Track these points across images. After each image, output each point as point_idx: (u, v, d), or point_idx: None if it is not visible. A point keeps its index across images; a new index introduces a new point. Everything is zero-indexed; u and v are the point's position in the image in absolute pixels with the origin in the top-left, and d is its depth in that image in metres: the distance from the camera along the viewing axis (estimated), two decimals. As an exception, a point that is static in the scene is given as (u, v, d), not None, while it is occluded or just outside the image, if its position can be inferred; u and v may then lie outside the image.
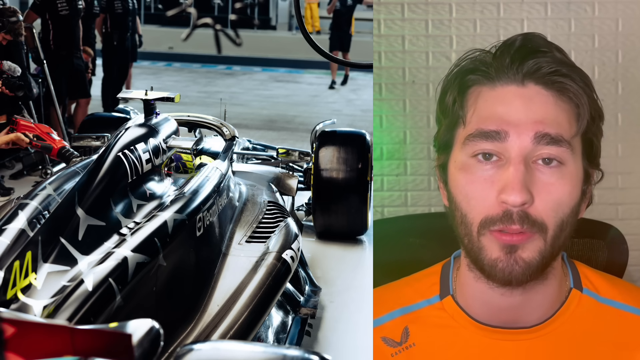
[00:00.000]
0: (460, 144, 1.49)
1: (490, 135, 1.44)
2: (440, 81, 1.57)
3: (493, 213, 1.44)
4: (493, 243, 1.45)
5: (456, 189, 1.50)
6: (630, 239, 2.13)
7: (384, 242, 2.05)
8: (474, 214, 1.47)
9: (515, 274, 1.45)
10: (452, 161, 1.52)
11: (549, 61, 1.46)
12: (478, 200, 1.46)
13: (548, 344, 1.53)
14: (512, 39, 1.50)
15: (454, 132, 1.52)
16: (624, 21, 2.57)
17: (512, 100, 1.45)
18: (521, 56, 1.46)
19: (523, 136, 1.43)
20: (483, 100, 1.48)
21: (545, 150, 1.43)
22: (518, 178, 1.41)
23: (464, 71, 1.51)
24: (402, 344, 1.57)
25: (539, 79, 1.45)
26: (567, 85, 1.45)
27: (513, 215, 1.42)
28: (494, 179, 1.45)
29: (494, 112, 1.46)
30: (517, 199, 1.41)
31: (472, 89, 1.50)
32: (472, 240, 1.48)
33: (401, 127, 2.57)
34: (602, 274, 1.65)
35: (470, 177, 1.47)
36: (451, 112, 1.51)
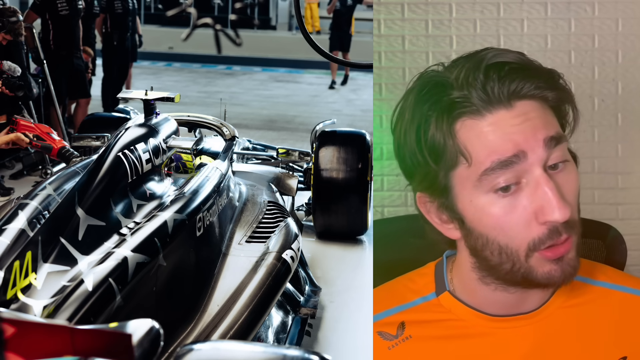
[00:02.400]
0: (472, 183, 1.42)
1: (510, 162, 1.37)
2: (397, 121, 1.47)
3: (539, 235, 1.40)
4: (542, 261, 1.43)
5: (486, 226, 1.43)
6: (631, 239, 2.13)
7: (384, 242, 2.05)
8: (517, 242, 1.42)
9: (569, 275, 1.45)
10: (467, 202, 1.44)
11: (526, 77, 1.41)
12: (518, 230, 1.41)
13: (547, 328, 1.55)
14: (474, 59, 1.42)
15: (454, 173, 1.43)
16: (624, 21, 2.57)
17: (511, 122, 1.40)
18: (497, 77, 1.39)
19: (537, 149, 1.39)
20: (480, 133, 1.40)
21: (556, 153, 1.40)
22: (556, 195, 1.37)
23: (441, 107, 1.41)
24: (398, 337, 1.58)
25: (524, 96, 1.41)
26: (547, 96, 1.43)
27: (559, 229, 1.40)
28: (525, 204, 1.39)
29: (500, 138, 1.39)
30: (565, 214, 1.38)
31: (459, 123, 1.41)
32: (518, 264, 1.44)
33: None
34: (592, 262, 1.68)
35: (500, 211, 1.41)
36: (445, 152, 1.42)
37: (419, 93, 1.44)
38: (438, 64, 1.47)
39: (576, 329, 1.56)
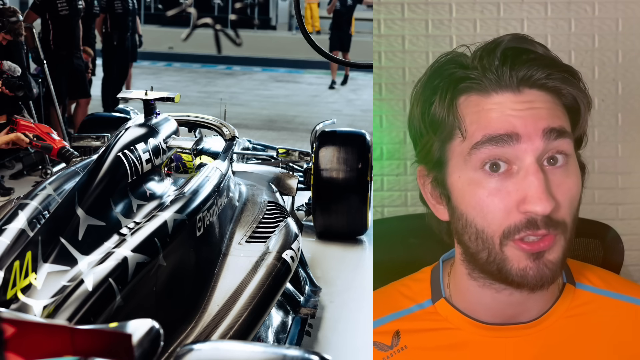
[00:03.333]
0: (463, 157, 1.43)
1: (500, 139, 1.38)
2: (414, 94, 1.50)
3: (515, 222, 1.39)
4: (517, 252, 1.41)
5: (468, 205, 1.43)
6: (630, 238, 2.14)
7: (384, 242, 2.05)
8: (493, 227, 1.41)
9: (546, 278, 1.41)
10: (455, 177, 1.45)
11: (541, 66, 1.41)
12: (496, 214, 1.40)
13: (546, 339, 1.53)
14: (493, 43, 1.45)
15: (449, 146, 1.45)
16: (624, 21, 2.57)
17: (514, 106, 1.40)
18: (511, 62, 1.41)
19: (533, 137, 1.38)
20: (481, 109, 1.42)
21: (553, 145, 1.39)
22: (542, 186, 1.36)
23: (450, 79, 1.45)
24: (393, 347, 1.56)
25: (533, 84, 1.41)
26: (561, 88, 1.43)
27: (537, 221, 1.38)
28: (510, 189, 1.39)
29: (496, 117, 1.40)
30: (546, 208, 1.36)
31: (464, 97, 1.43)
32: (493, 253, 1.43)
33: (401, 127, 2.57)
34: (593, 267, 1.65)
35: (483, 191, 1.40)
36: (444, 124, 1.44)
37: (433, 65, 1.49)
38: (464, 45, 1.51)
39: (577, 339, 1.53)
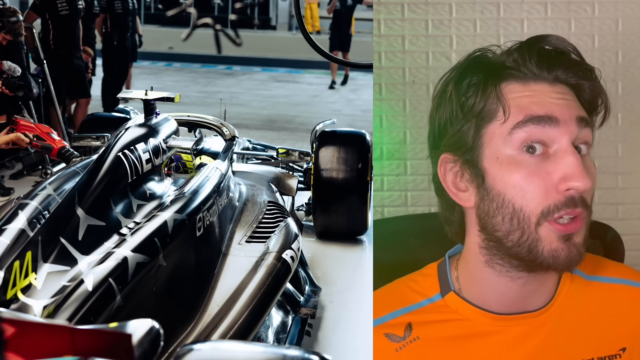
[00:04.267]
0: (503, 138, 1.48)
1: (542, 119, 1.46)
2: (443, 79, 1.55)
3: (555, 201, 1.45)
4: (551, 233, 1.46)
5: (507, 184, 1.48)
6: (630, 238, 2.13)
7: (384, 242, 2.05)
8: (532, 206, 1.46)
9: (574, 259, 1.48)
10: (492, 158, 1.49)
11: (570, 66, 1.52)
12: (536, 193, 1.45)
13: (549, 325, 1.57)
14: (535, 39, 1.54)
15: (485, 129, 1.50)
16: (624, 21, 2.57)
17: (551, 94, 1.49)
18: (549, 59, 1.51)
19: (569, 122, 1.47)
20: (522, 94, 1.49)
21: (582, 134, 1.49)
22: (581, 165, 1.45)
23: (491, 67, 1.52)
24: (405, 338, 1.59)
25: (564, 81, 1.52)
26: (584, 86, 1.53)
27: (576, 200, 1.45)
28: (549, 169, 1.45)
29: (538, 100, 1.48)
30: (587, 183, 1.44)
31: (504, 84, 1.50)
32: (527, 233, 1.47)
33: (401, 127, 2.57)
34: (591, 256, 1.70)
35: (524, 170, 1.46)
36: (483, 108, 1.50)
37: (466, 63, 1.55)
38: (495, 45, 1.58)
39: (579, 324, 1.59)
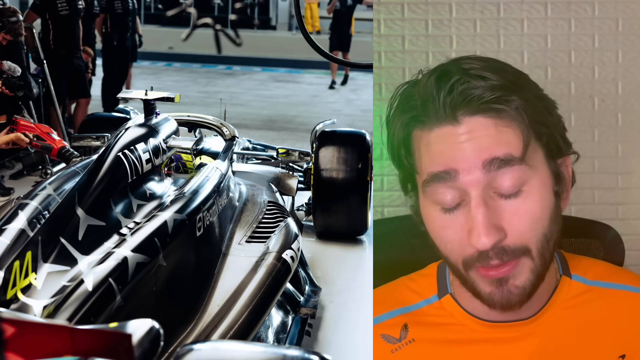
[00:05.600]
0: (421, 192, 1.47)
1: (441, 177, 1.39)
2: (383, 126, 1.54)
3: (469, 254, 1.41)
4: (481, 279, 1.43)
5: (433, 234, 1.48)
6: (630, 238, 2.13)
7: (384, 242, 2.05)
8: (454, 257, 1.45)
9: (513, 302, 1.44)
10: (422, 206, 1.49)
11: (477, 89, 1.37)
12: (454, 244, 1.43)
13: (546, 332, 1.55)
14: (429, 72, 1.43)
15: (413, 179, 1.50)
16: (624, 21, 2.57)
17: (454, 139, 1.39)
18: (447, 91, 1.38)
19: (473, 170, 1.37)
20: (425, 145, 1.43)
21: (498, 177, 1.37)
22: (482, 221, 1.36)
23: (401, 117, 1.47)
24: (401, 340, 1.59)
25: (473, 110, 1.38)
26: (503, 110, 1.38)
27: (489, 253, 1.38)
28: (462, 222, 1.40)
29: (438, 153, 1.41)
30: (486, 243, 1.36)
31: (415, 131, 1.45)
32: (462, 277, 1.47)
33: (401, 127, 2.56)
34: (587, 258, 1.68)
35: (440, 223, 1.44)
36: (404, 162, 1.48)
37: (391, 105, 1.50)
38: (418, 73, 1.48)
39: (575, 330, 1.56)
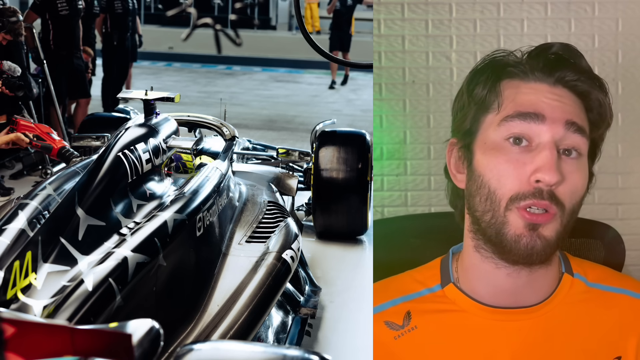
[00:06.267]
0: (494, 126, 1.60)
1: (528, 115, 1.58)
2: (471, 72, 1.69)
3: (524, 189, 1.55)
4: (518, 219, 1.55)
5: (486, 167, 1.60)
6: (630, 238, 2.13)
7: (384, 242, 2.05)
8: (504, 190, 1.57)
9: (536, 250, 1.56)
10: (481, 142, 1.62)
11: (577, 73, 1.62)
12: (509, 178, 1.57)
13: (545, 323, 1.61)
14: (548, 45, 1.67)
15: (483, 117, 1.63)
16: (624, 21, 2.57)
17: (545, 94, 1.60)
18: (554, 63, 1.62)
19: (556, 122, 1.57)
20: (518, 91, 1.62)
21: (571, 138, 1.58)
22: (553, 160, 1.55)
23: (499, 65, 1.64)
24: (404, 327, 1.64)
25: (567, 84, 1.61)
26: (591, 95, 1.63)
27: (543, 192, 1.54)
28: (526, 160, 1.56)
29: (531, 98, 1.59)
30: (553, 178, 1.53)
31: (506, 81, 1.63)
32: (496, 215, 1.57)
33: (401, 127, 2.57)
34: (589, 262, 1.76)
35: (504, 156, 1.58)
36: (485, 98, 1.63)
37: (486, 58, 1.69)
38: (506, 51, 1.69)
39: (575, 325, 1.61)
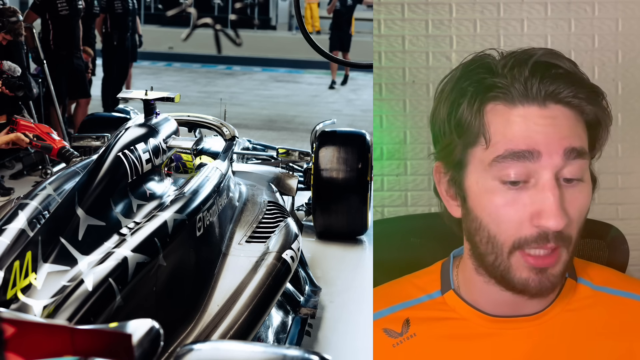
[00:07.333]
0: (484, 165, 1.45)
1: (522, 155, 1.40)
2: (441, 90, 1.52)
3: (527, 235, 1.42)
4: (523, 264, 1.44)
5: (483, 211, 1.46)
6: (631, 239, 2.13)
7: (384, 242, 2.05)
8: (505, 237, 1.44)
9: (545, 289, 1.46)
10: (473, 181, 1.47)
11: (568, 83, 1.43)
12: (510, 224, 1.43)
13: (548, 331, 1.56)
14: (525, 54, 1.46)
15: (470, 151, 1.47)
16: (624, 21, 2.57)
17: (538, 120, 1.42)
18: (541, 75, 1.42)
19: (554, 155, 1.41)
20: (507, 120, 1.43)
21: (572, 165, 1.42)
22: (557, 202, 1.39)
23: (479, 86, 1.45)
24: (402, 334, 1.59)
25: (559, 100, 1.43)
26: (584, 107, 1.44)
27: (549, 236, 1.41)
28: (526, 202, 1.42)
29: (522, 130, 1.42)
30: (558, 224, 1.39)
31: (491, 105, 1.44)
32: (500, 259, 1.46)
33: (401, 127, 2.57)
34: (595, 264, 1.69)
35: (501, 199, 1.43)
36: (470, 129, 1.46)
37: (465, 68, 1.49)
38: (494, 49, 1.51)
39: (578, 332, 1.56)
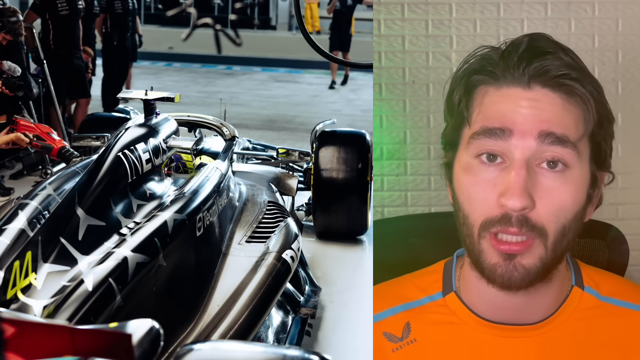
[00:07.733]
0: (465, 144, 1.48)
1: (494, 132, 1.43)
2: (448, 79, 1.56)
3: (492, 215, 1.43)
4: (491, 248, 1.45)
5: (459, 189, 1.49)
6: (631, 239, 2.13)
7: (384, 242, 2.05)
8: (475, 216, 1.46)
9: (514, 280, 1.44)
10: (457, 161, 1.51)
11: (557, 64, 1.44)
12: (479, 202, 1.45)
13: (550, 341, 1.53)
14: (519, 39, 1.49)
15: (460, 132, 1.51)
16: (624, 21, 2.57)
17: (517, 101, 1.44)
18: (528, 58, 1.44)
19: (527, 136, 1.41)
20: (488, 100, 1.47)
21: (549, 150, 1.41)
22: (519, 182, 1.40)
23: (470, 70, 1.50)
24: (403, 339, 1.58)
25: (546, 82, 1.43)
26: (575, 89, 1.43)
27: (512, 218, 1.41)
28: (496, 182, 1.43)
29: (498, 110, 1.44)
30: (516, 203, 1.39)
31: (479, 88, 1.49)
32: (473, 241, 1.48)
33: (401, 127, 2.57)
34: (604, 272, 1.66)
35: (473, 178, 1.46)
36: (457, 111, 1.51)
37: (466, 61, 1.54)
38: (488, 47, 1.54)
39: (581, 343, 1.54)
